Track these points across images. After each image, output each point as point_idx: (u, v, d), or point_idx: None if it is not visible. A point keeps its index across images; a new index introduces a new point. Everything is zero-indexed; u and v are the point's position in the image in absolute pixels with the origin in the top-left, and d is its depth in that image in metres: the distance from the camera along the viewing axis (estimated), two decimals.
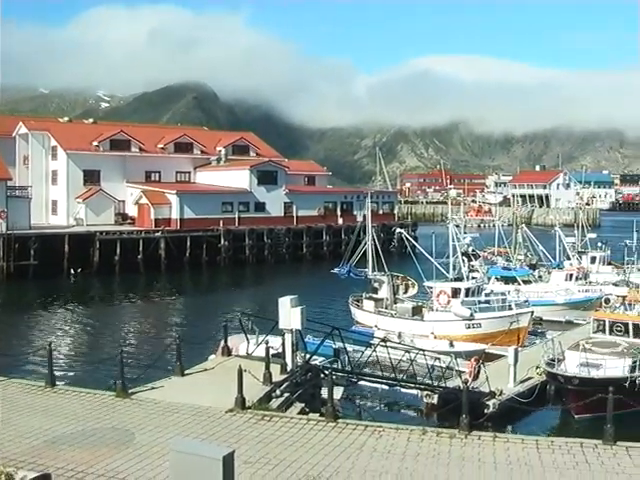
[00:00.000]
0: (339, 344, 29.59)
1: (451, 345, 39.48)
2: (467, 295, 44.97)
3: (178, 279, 79.85)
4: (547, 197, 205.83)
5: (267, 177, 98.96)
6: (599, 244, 70.05)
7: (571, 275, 59.81)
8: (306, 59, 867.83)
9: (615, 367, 30.38)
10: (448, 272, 47.13)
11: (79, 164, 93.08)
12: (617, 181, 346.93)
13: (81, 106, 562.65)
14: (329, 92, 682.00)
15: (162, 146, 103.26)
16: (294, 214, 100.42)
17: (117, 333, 51.01)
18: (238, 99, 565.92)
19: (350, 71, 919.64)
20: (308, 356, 27.30)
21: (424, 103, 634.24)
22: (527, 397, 30.74)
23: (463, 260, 47.52)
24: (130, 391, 23.98)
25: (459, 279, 46.44)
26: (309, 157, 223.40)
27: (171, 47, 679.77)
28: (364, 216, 62.12)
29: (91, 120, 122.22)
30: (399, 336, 41.12)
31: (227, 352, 28.89)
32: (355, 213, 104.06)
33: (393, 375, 30.11)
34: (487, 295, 46.94)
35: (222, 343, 29.22)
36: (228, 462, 11.62)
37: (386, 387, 31.26)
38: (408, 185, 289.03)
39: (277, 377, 24.86)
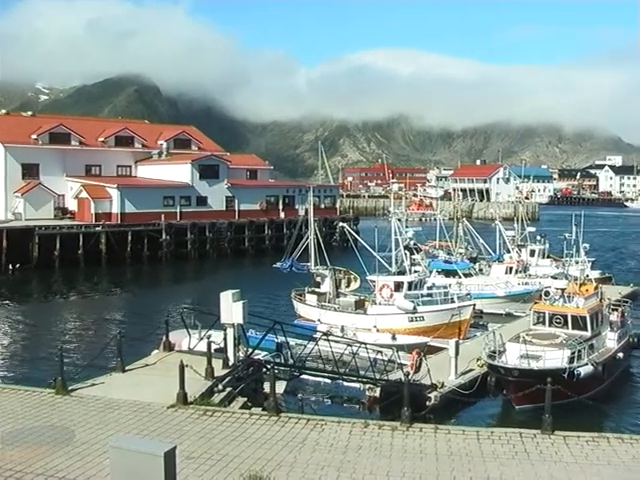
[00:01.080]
0: (281, 338, 29.60)
1: (394, 338, 39.70)
2: (410, 288, 45.24)
3: (119, 274, 79.00)
4: (487, 191, 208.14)
5: (209, 171, 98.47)
6: (538, 237, 70.99)
7: (511, 268, 60.58)
8: (247, 52, 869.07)
9: (554, 358, 30.88)
10: (391, 266, 47.37)
11: (17, 158, 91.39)
12: (556, 175, 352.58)
13: (19, 99, 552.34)
14: (270, 85, 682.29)
15: (103, 139, 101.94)
16: (236, 208, 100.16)
17: (57, 329, 50.27)
18: (180, 92, 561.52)
19: (291, 64, 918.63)
20: (250, 350, 27.27)
21: (365, 97, 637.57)
22: (468, 389, 31.08)
23: (405, 254, 47.79)
24: (70, 388, 23.62)
25: (402, 273, 46.71)
26: (251, 151, 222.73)
27: (111, 39, 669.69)
28: (306, 210, 62.12)
29: (30, 113, 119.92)
30: (342, 330, 41.23)
31: (169, 347, 28.69)
32: (297, 207, 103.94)
33: (335, 369, 30.21)
34: (429, 288, 47.31)
35: (164, 338, 29.01)
36: (170, 458, 11.54)
37: (329, 381, 31.34)
38: (350, 179, 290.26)
39: (219, 372, 24.78)
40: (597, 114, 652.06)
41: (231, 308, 25.37)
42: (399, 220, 49.31)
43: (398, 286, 45.22)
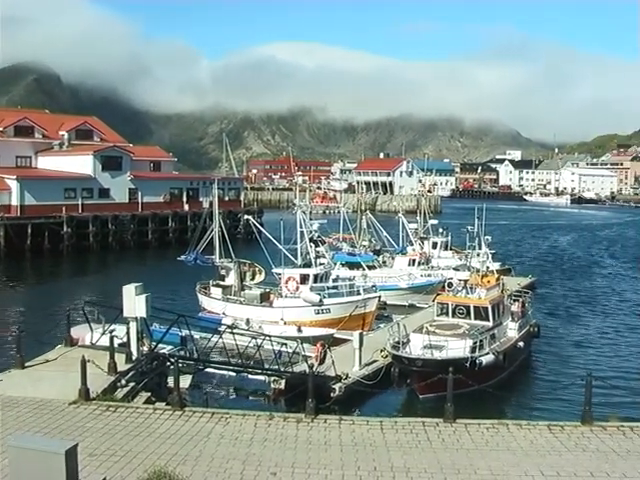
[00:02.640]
0: (186, 332, 29.38)
1: (299, 330, 39.82)
2: (316, 281, 45.43)
3: (18, 268, 77.01)
4: (391, 184, 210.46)
5: (111, 163, 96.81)
6: (440, 230, 72.16)
7: (413, 260, 61.36)
8: (148, 41, 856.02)
9: (457, 348, 31.48)
10: (296, 258, 47.48)
11: None
12: (457, 169, 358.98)
13: None
14: (172, 76, 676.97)
15: (1, 129, 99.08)
16: (139, 200, 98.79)
17: None
18: (82, 81, 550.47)
19: (193, 55, 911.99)
20: (154, 344, 26.99)
21: (269, 90, 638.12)
22: (372, 380, 31.36)
23: (310, 246, 47.93)
24: None
25: (307, 265, 46.85)
26: (154, 143, 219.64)
27: (8, 26, 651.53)
28: (210, 202, 61.76)
29: None
30: (247, 323, 41.15)
31: (71, 342, 28.18)
32: (201, 199, 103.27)
33: (240, 362, 30.16)
34: (335, 281, 47.58)
35: (66, 334, 28.47)
36: (71, 456, 11.36)
37: (233, 374, 31.24)
38: (254, 172, 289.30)
39: (122, 367, 24.47)
40: (496, 109, 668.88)
41: (134, 302, 25.06)
42: (304, 213, 49.41)
43: (304, 279, 45.35)
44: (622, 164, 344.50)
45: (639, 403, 31.81)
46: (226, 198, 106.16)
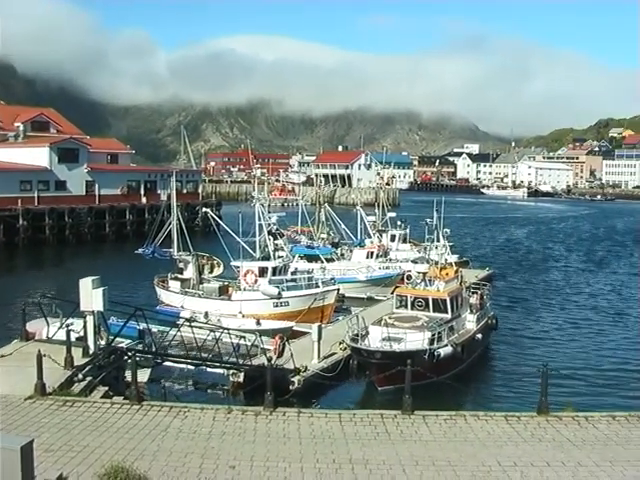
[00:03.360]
0: (143, 325, 29.19)
1: (258, 323, 39.76)
2: (274, 274, 45.42)
3: None
4: (349, 177, 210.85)
5: (68, 155, 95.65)
6: (399, 223, 72.47)
7: (372, 253, 61.59)
8: (104, 32, 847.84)
9: (415, 340, 31.66)
10: (254, 251, 47.40)
11: None
12: (416, 162, 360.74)
13: None
14: (129, 68, 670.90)
15: None
16: (96, 193, 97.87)
17: None
18: (38, 73, 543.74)
19: (150, 47, 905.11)
20: (111, 338, 26.79)
21: (228, 82, 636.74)
22: (331, 372, 31.44)
23: (269, 239, 47.89)
24: None
25: (266, 258, 46.81)
26: (112, 135, 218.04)
27: None
28: (168, 195, 61.24)
29: None
30: (206, 316, 40.98)
31: (26, 337, 27.85)
32: (159, 192, 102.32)
33: (199, 355, 30.03)
34: (293, 273, 47.59)
35: (22, 328, 28.14)
36: (27, 452, 11.21)
37: (192, 367, 31.09)
38: (213, 164, 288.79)
39: (79, 361, 24.27)
40: (454, 103, 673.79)
41: (91, 295, 24.83)
42: (262, 205, 49.35)
43: (262, 272, 45.32)
44: (578, 158, 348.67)
45: (593, 393, 32.31)
46: (184, 191, 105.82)
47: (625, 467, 17.51)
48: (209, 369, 31.08)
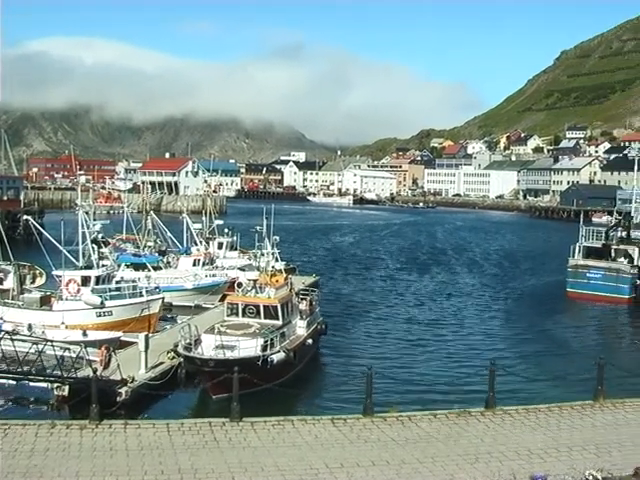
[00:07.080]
0: None
1: (85, 334, 38.68)
2: (97, 283, 44.35)
3: None
4: (176, 184, 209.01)
5: None
6: (226, 230, 72.40)
7: (198, 260, 61.26)
8: None
9: (248, 347, 31.76)
10: (78, 260, 46.14)
11: None
12: (243, 170, 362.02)
13: None
14: None
15: None
16: None
17: None
18: None
19: None
20: None
21: (48, 86, 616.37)
22: (159, 381, 31.01)
23: (93, 247, 46.75)
24: None
25: (89, 267, 45.66)
26: None
27: None
28: None
29: None
30: (29, 328, 39.45)
31: None
32: None
33: (20, 369, 28.88)
34: (118, 282, 46.68)
35: None
36: None
37: (13, 382, 29.88)
38: (35, 170, 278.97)
39: None
40: (277, 111, 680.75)
41: None
42: (86, 213, 48.10)
43: (85, 281, 44.16)
44: (401, 167, 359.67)
45: (417, 393, 33.34)
46: (4, 197, 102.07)
47: (446, 462, 18.28)
48: (32, 383, 29.97)
